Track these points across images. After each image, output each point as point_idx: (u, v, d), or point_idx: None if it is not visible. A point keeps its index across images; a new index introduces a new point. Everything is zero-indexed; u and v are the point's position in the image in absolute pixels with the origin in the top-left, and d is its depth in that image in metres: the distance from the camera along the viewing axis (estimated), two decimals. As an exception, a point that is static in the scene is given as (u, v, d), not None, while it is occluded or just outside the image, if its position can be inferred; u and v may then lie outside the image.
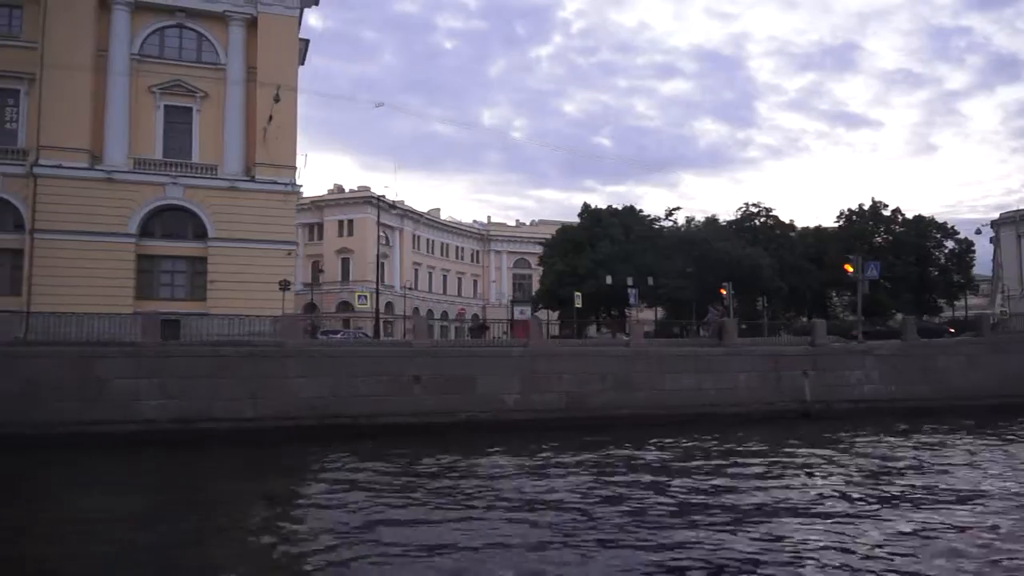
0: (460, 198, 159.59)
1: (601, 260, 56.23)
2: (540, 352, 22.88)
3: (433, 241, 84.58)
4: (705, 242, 54.00)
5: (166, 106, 33.94)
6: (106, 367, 19.18)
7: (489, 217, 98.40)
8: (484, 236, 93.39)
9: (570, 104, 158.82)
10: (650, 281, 51.39)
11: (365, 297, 37.89)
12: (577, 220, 62.80)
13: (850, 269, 27.19)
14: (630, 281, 49.92)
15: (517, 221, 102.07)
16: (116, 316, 23.76)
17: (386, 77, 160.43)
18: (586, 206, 63.74)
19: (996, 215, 71.04)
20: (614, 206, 64.82)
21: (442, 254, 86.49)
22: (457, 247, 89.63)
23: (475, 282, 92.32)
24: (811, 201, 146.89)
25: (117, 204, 32.02)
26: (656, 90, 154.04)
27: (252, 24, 34.70)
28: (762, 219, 60.65)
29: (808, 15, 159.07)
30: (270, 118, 32.62)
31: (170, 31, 34.20)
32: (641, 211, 64.03)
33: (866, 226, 61.62)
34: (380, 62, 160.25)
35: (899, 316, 46.40)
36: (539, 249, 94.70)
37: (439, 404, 21.28)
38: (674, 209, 63.21)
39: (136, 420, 18.98)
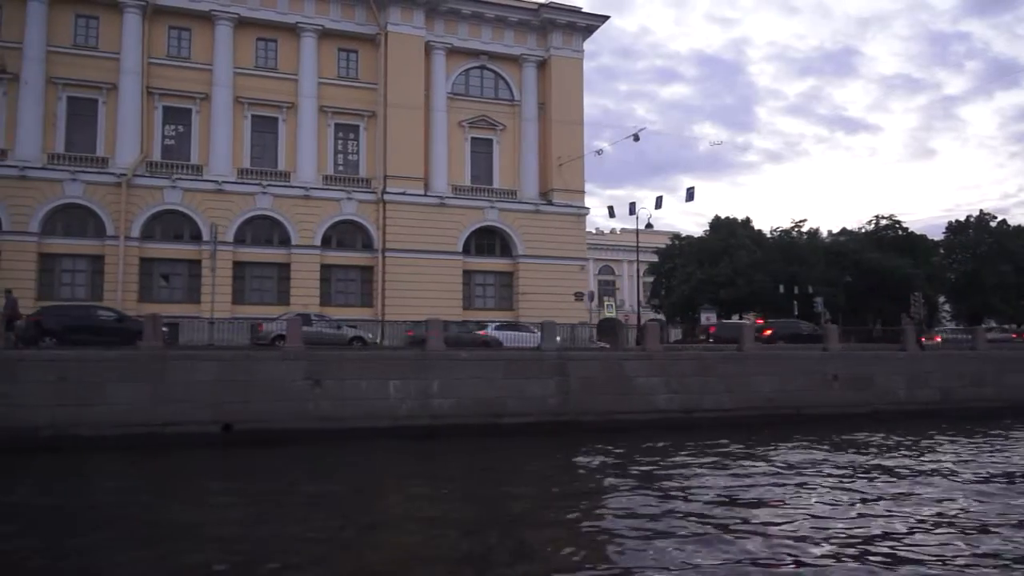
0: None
1: (739, 269, 61.29)
2: (917, 355, 27.80)
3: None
4: (856, 253, 59.22)
5: (472, 138, 38.36)
6: (631, 367, 23.72)
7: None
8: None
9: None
10: (810, 289, 56.32)
11: (612, 306, 42.40)
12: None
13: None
14: (795, 289, 55.15)
15: (597, 229, 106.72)
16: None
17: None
18: (716, 217, 68.75)
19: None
20: (731, 217, 69.78)
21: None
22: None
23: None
24: (811, 204, 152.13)
25: (447, 226, 36.44)
26: (656, 94, 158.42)
27: (542, 65, 39.21)
28: (894, 231, 65.70)
29: (808, 21, 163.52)
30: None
31: (473, 71, 38.64)
32: (749, 221, 69.22)
33: (977, 236, 67.02)
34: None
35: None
36: (623, 256, 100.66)
37: (850, 398, 26.06)
38: (801, 221, 68.36)
39: (651, 411, 23.55)
